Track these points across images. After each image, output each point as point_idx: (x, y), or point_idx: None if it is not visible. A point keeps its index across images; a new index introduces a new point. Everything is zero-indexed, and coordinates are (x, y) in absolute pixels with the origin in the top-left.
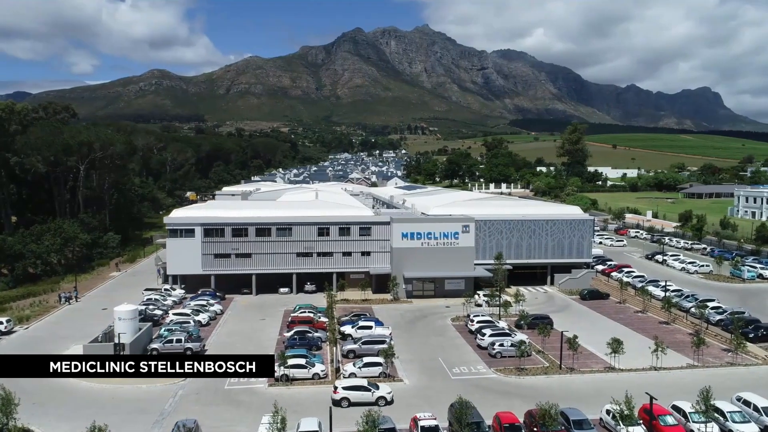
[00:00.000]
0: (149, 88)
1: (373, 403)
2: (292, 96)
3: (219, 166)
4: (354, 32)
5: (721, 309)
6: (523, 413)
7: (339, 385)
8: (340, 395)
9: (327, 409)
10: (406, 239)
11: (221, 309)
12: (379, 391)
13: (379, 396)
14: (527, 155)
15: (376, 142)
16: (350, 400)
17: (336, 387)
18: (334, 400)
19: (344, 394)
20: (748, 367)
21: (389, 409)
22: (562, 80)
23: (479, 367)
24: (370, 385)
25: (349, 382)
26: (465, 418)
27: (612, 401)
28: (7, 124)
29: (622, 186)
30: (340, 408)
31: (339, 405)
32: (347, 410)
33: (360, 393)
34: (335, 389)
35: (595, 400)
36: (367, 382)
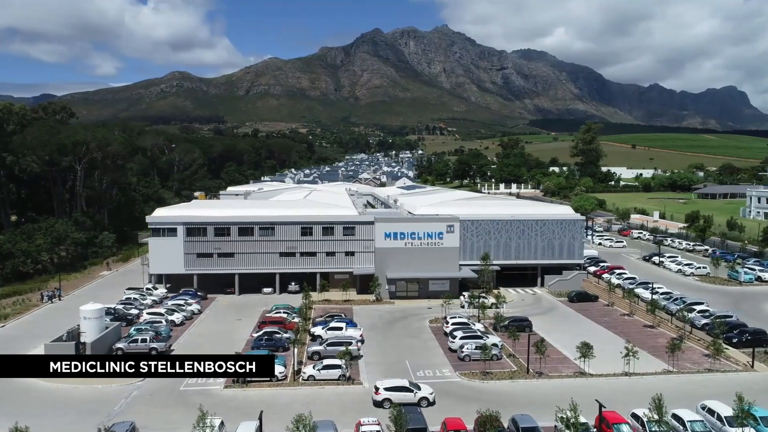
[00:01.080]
0: (170, 89)
1: (416, 403)
2: (310, 97)
3: (231, 167)
4: (373, 33)
5: (707, 313)
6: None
7: (380, 386)
8: (381, 396)
9: (279, 411)
10: (389, 239)
11: (199, 309)
12: (421, 392)
13: (422, 397)
14: (545, 155)
15: (393, 143)
16: (392, 400)
17: (377, 388)
18: (375, 401)
19: (386, 395)
20: (727, 373)
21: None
22: (583, 80)
23: (445, 370)
24: (411, 385)
25: (391, 383)
26: (404, 424)
27: (558, 409)
28: (6, 124)
29: (635, 186)
30: (382, 409)
31: (381, 406)
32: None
33: (402, 394)
34: (376, 390)
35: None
36: (409, 382)
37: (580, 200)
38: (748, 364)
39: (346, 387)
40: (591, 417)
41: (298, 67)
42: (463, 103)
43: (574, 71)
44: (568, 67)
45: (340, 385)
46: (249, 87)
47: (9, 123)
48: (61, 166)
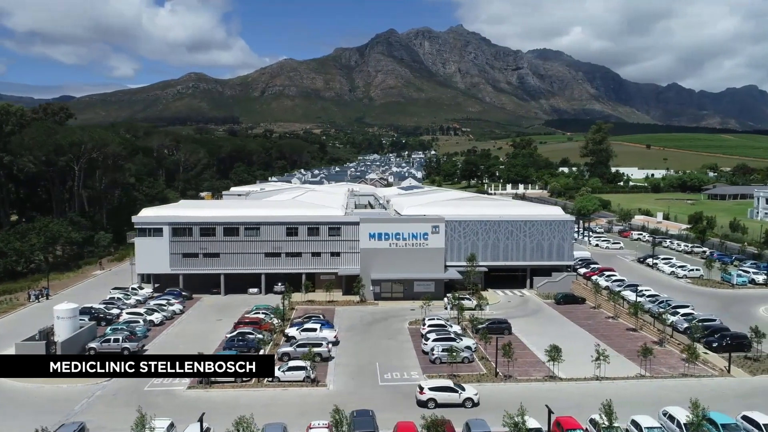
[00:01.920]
0: (186, 91)
1: (461, 404)
2: (325, 98)
3: (240, 167)
4: (387, 33)
5: (691, 316)
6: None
7: (425, 385)
8: (426, 396)
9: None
10: (373, 240)
11: (181, 309)
12: (466, 393)
13: (467, 397)
14: (559, 155)
15: (406, 143)
16: (437, 401)
17: (422, 387)
18: (420, 401)
19: (431, 395)
20: (701, 378)
21: (302, 414)
22: (599, 80)
23: (413, 373)
24: (456, 386)
25: (435, 383)
26: (349, 428)
27: (505, 413)
28: (4, 125)
29: (644, 187)
30: (427, 409)
31: (425, 406)
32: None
33: (447, 394)
34: (421, 390)
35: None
36: (453, 383)
37: (582, 201)
38: (725, 370)
39: (310, 389)
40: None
41: (312, 67)
42: (478, 104)
43: (591, 71)
44: (585, 66)
45: (304, 386)
46: (264, 88)
47: (7, 123)
48: (58, 166)
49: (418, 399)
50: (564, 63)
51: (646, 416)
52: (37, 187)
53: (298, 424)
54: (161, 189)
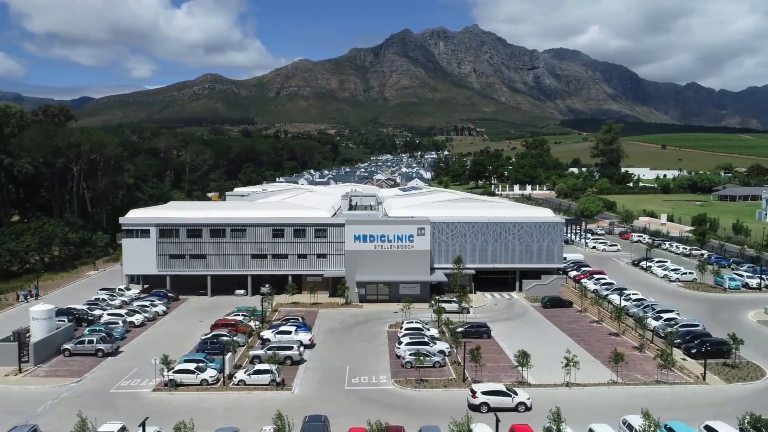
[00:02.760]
0: (202, 92)
1: (513, 408)
2: (339, 98)
3: (249, 167)
4: (402, 34)
5: (673, 321)
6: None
7: (477, 389)
8: (479, 400)
9: (199, 416)
10: (359, 242)
11: (164, 310)
12: (519, 397)
13: (519, 401)
14: (572, 156)
15: (420, 144)
16: (489, 405)
17: (474, 392)
18: (472, 405)
19: (483, 399)
20: (674, 386)
21: (260, 418)
22: (617, 79)
23: (382, 377)
24: (509, 390)
25: (488, 387)
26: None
27: (451, 420)
28: (4, 127)
29: (654, 188)
30: (478, 413)
31: (478, 410)
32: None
33: (500, 398)
34: (473, 394)
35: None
36: (506, 386)
37: (585, 202)
38: (700, 377)
39: (274, 392)
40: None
41: (327, 68)
42: (493, 104)
43: (608, 70)
44: (602, 66)
45: (268, 390)
46: (279, 89)
47: (7, 125)
48: (56, 168)
49: (470, 403)
50: (581, 62)
51: (604, 425)
52: (39, 188)
53: (254, 428)
54: (167, 190)
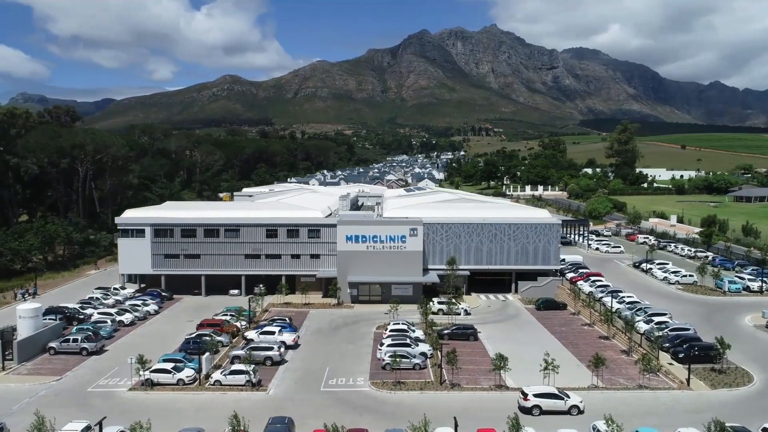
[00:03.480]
0: (221, 93)
1: (566, 411)
2: (357, 99)
3: (261, 168)
4: (420, 34)
5: (664, 325)
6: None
7: (529, 392)
8: (531, 403)
9: (169, 416)
10: (351, 242)
11: (156, 309)
12: (571, 400)
13: (572, 405)
14: (589, 156)
15: (436, 144)
16: (542, 408)
17: (526, 394)
18: (524, 408)
19: (535, 402)
20: (657, 391)
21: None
22: (638, 78)
23: (359, 379)
24: (561, 393)
25: (540, 389)
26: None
27: (409, 423)
28: (11, 128)
29: (668, 188)
30: (530, 416)
31: (530, 413)
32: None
33: (552, 401)
34: (525, 396)
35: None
36: (558, 389)
37: (594, 203)
38: (684, 383)
39: (249, 393)
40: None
41: (345, 69)
42: (511, 104)
43: (629, 69)
44: (623, 65)
45: (243, 391)
46: (297, 90)
47: (14, 126)
48: (60, 168)
49: (521, 405)
50: (601, 62)
51: (573, 431)
52: (46, 188)
53: (220, 429)
54: (177, 190)
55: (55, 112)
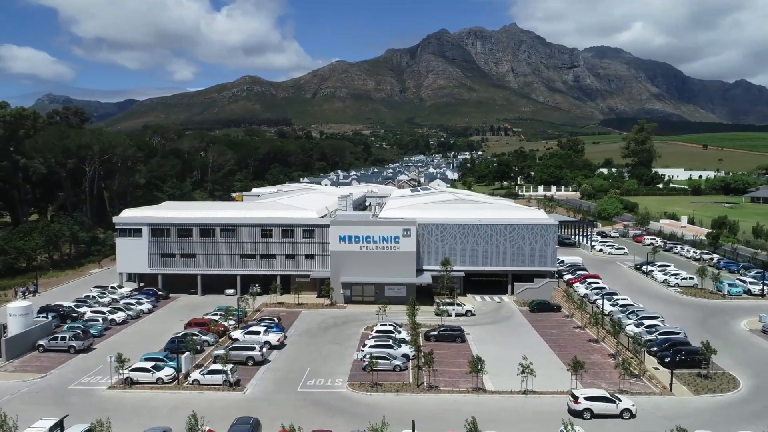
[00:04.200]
0: (241, 93)
1: (618, 415)
2: (375, 99)
3: (275, 168)
4: (439, 33)
5: (654, 328)
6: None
7: (579, 395)
8: (582, 406)
9: (143, 414)
10: (344, 243)
11: (150, 308)
12: (623, 404)
13: (624, 408)
14: (608, 156)
15: (454, 144)
16: (593, 411)
17: (577, 397)
18: (575, 411)
19: (586, 405)
20: (637, 396)
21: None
22: (660, 77)
23: (338, 380)
24: (613, 396)
25: (590, 392)
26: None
27: (369, 425)
28: (20, 128)
29: (684, 189)
30: (581, 419)
31: (580, 416)
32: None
33: (603, 404)
34: (576, 399)
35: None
36: (609, 393)
37: (603, 203)
38: (666, 389)
39: (225, 393)
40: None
41: (364, 69)
42: (531, 104)
43: (652, 68)
44: (645, 64)
45: (220, 390)
46: (316, 90)
47: (22, 127)
48: (67, 168)
49: (572, 409)
50: (623, 60)
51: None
52: (57, 187)
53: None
54: (188, 189)
55: (65, 113)
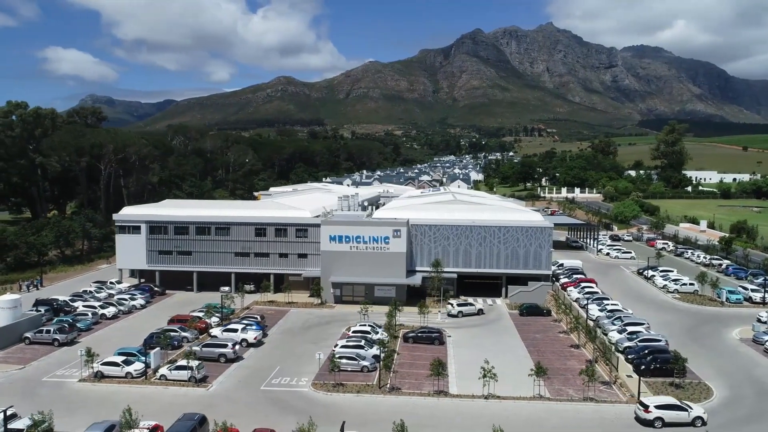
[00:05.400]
0: (275, 94)
1: (689, 423)
2: (408, 99)
3: (299, 168)
4: (473, 33)
5: (635, 335)
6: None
7: (649, 403)
8: (653, 414)
9: (107, 407)
10: (334, 242)
11: (142, 303)
12: (695, 411)
13: (696, 416)
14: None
15: (486, 145)
16: (664, 420)
17: (647, 406)
18: (645, 420)
19: (658, 414)
20: (601, 404)
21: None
22: (703, 77)
23: (304, 379)
24: (683, 404)
25: (661, 401)
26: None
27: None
28: (37, 127)
29: (713, 192)
30: (652, 428)
31: (651, 425)
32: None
33: (675, 413)
34: (646, 408)
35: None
36: (679, 400)
37: (620, 206)
38: (633, 398)
39: (189, 389)
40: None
41: (397, 69)
42: (567, 104)
43: (694, 67)
44: (687, 63)
45: (184, 386)
46: (349, 90)
47: (40, 126)
48: (80, 167)
49: (643, 418)
50: (663, 60)
51: None
52: (76, 185)
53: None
54: (208, 188)
55: (83, 112)
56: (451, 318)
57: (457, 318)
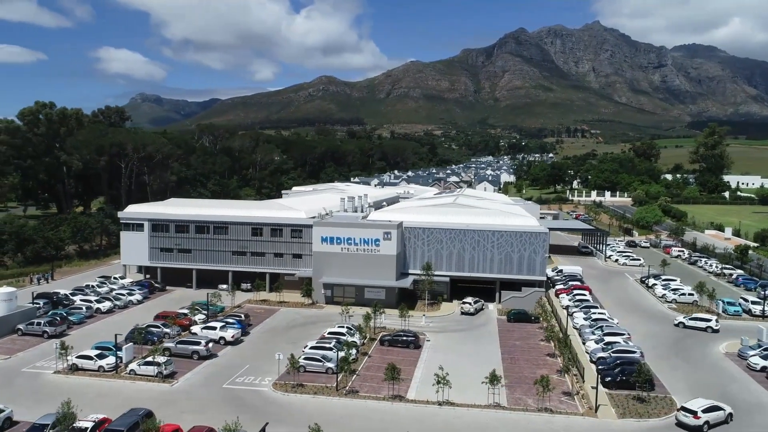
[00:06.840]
0: (317, 93)
1: (724, 421)
2: (448, 99)
3: (330, 167)
4: (517, 32)
5: (611, 346)
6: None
7: (697, 409)
8: (702, 420)
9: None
10: (326, 243)
11: (140, 299)
12: (727, 409)
13: (729, 413)
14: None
15: (526, 146)
16: (710, 422)
17: (695, 412)
18: (695, 427)
19: (705, 418)
20: (556, 415)
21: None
22: (759, 77)
23: (267, 379)
24: (718, 404)
25: (704, 404)
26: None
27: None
28: (63, 126)
29: (750, 198)
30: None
31: (700, 431)
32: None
33: (716, 414)
34: (695, 414)
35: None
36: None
37: (642, 212)
38: (591, 410)
39: (154, 384)
40: None
41: (438, 69)
42: (612, 105)
43: (749, 67)
44: (742, 63)
45: (151, 381)
46: (389, 90)
47: (64, 126)
48: (100, 165)
49: (692, 425)
50: (717, 60)
51: None
52: (99, 182)
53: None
54: (233, 186)
55: (107, 112)
56: (464, 315)
57: (471, 315)
